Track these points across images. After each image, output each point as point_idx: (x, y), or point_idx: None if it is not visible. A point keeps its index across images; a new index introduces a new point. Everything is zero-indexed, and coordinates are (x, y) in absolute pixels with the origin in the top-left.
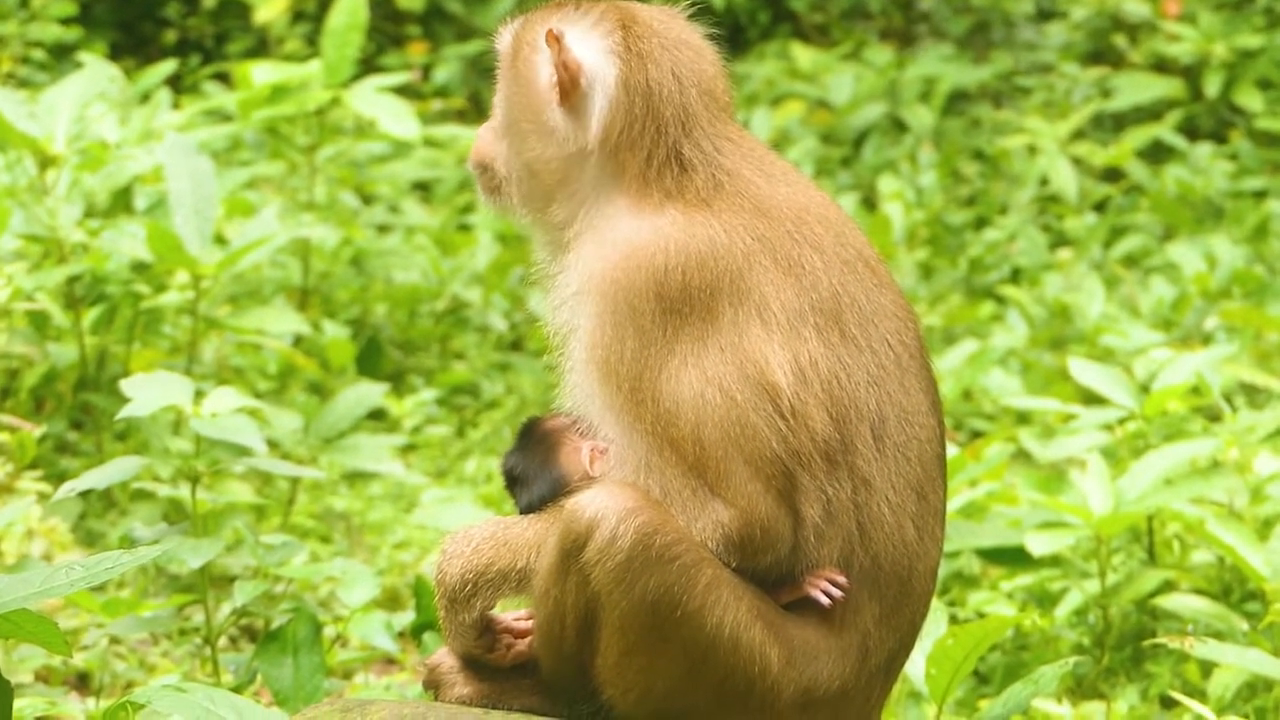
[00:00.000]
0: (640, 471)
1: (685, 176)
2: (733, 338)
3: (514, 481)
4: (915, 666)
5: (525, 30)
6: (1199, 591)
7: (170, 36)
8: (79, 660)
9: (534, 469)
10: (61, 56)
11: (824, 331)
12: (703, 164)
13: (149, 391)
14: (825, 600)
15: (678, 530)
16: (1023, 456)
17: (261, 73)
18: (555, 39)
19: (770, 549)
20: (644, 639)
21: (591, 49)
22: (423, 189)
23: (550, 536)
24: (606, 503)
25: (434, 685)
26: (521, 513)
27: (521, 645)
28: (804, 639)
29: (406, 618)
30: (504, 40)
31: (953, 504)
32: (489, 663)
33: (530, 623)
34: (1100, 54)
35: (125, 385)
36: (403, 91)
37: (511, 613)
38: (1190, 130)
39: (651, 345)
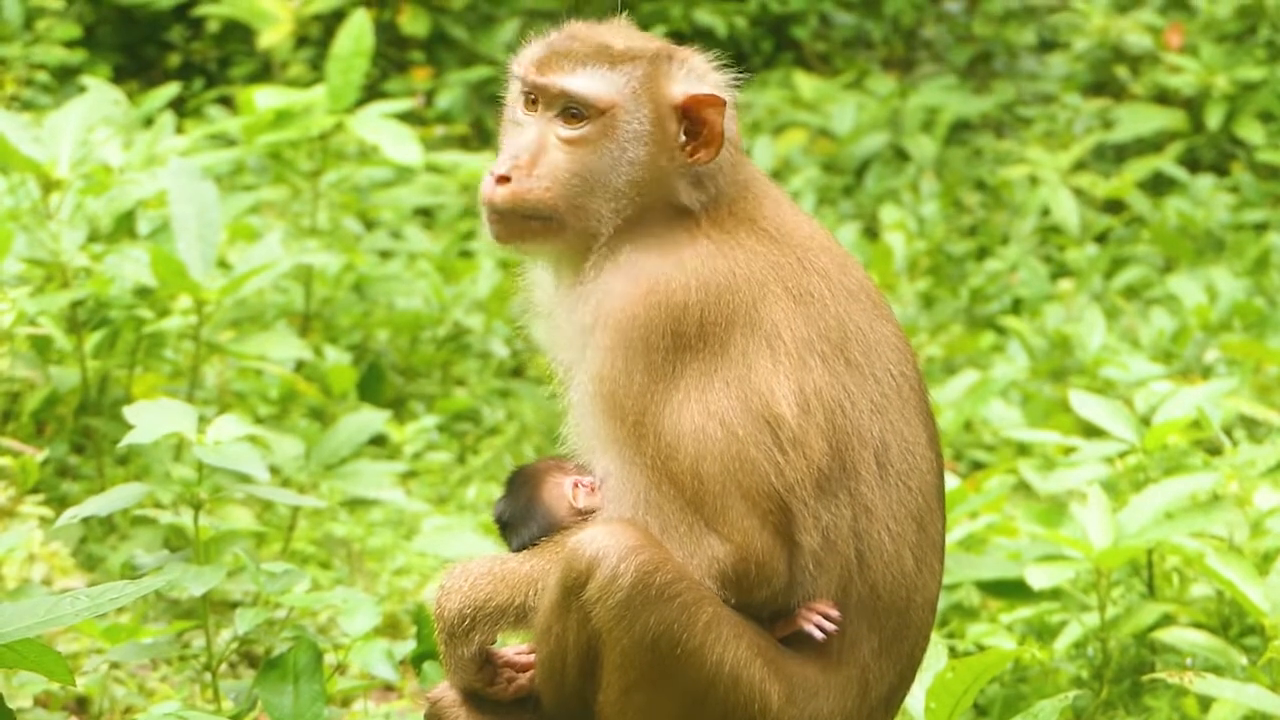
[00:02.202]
0: (638, 506)
1: (723, 208)
2: (740, 370)
3: (504, 527)
4: (915, 700)
5: (654, 90)
6: (1198, 626)
7: (174, 60)
8: (79, 686)
9: (520, 511)
10: (65, 79)
11: (830, 359)
12: (735, 195)
13: (151, 419)
14: (819, 634)
15: (678, 569)
16: (1023, 489)
17: (265, 97)
18: (711, 105)
19: (766, 584)
20: (645, 676)
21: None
22: (425, 215)
23: (551, 574)
24: (607, 541)
25: (436, 718)
26: None
27: (522, 680)
28: (804, 675)
29: (407, 646)
30: (616, 94)
31: (953, 536)
32: (490, 697)
33: (531, 657)
34: (1102, 85)
35: (128, 412)
36: (406, 117)
37: (513, 647)
38: (1191, 162)
39: (659, 380)
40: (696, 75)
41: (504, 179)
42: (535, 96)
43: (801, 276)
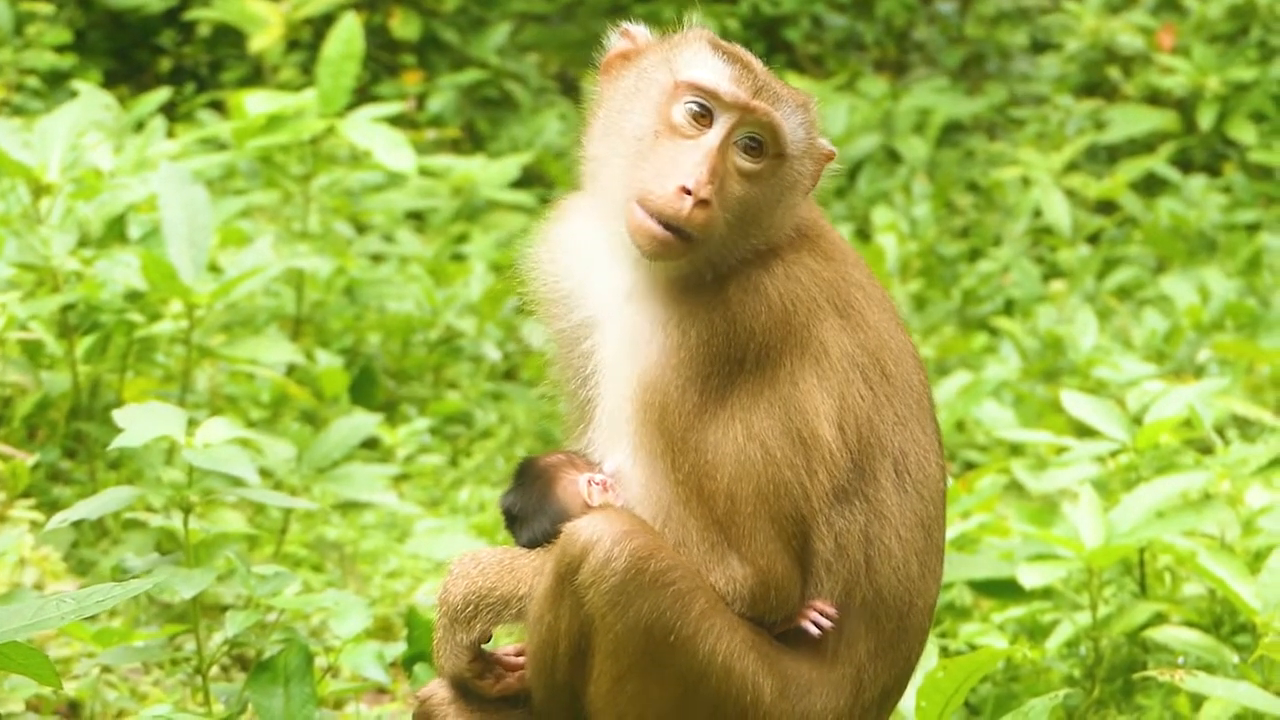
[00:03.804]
0: (660, 518)
1: (794, 229)
2: (787, 389)
3: (513, 520)
4: (906, 699)
5: (814, 144)
6: (1190, 624)
7: (165, 64)
8: (70, 689)
9: (532, 506)
10: (56, 84)
11: (868, 372)
12: (801, 215)
13: (141, 422)
14: (815, 630)
15: (672, 557)
16: (1015, 488)
17: (256, 102)
18: (830, 159)
19: (782, 608)
20: (637, 664)
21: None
22: (417, 219)
23: (547, 561)
24: (602, 526)
25: (425, 717)
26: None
27: (511, 679)
28: (798, 671)
29: (398, 648)
30: (799, 143)
31: (946, 536)
32: (477, 690)
33: (521, 659)
34: (1094, 86)
35: (118, 415)
36: (397, 121)
37: (506, 647)
38: (1184, 163)
39: (710, 400)
40: (818, 125)
41: (705, 203)
42: (716, 113)
43: (845, 290)
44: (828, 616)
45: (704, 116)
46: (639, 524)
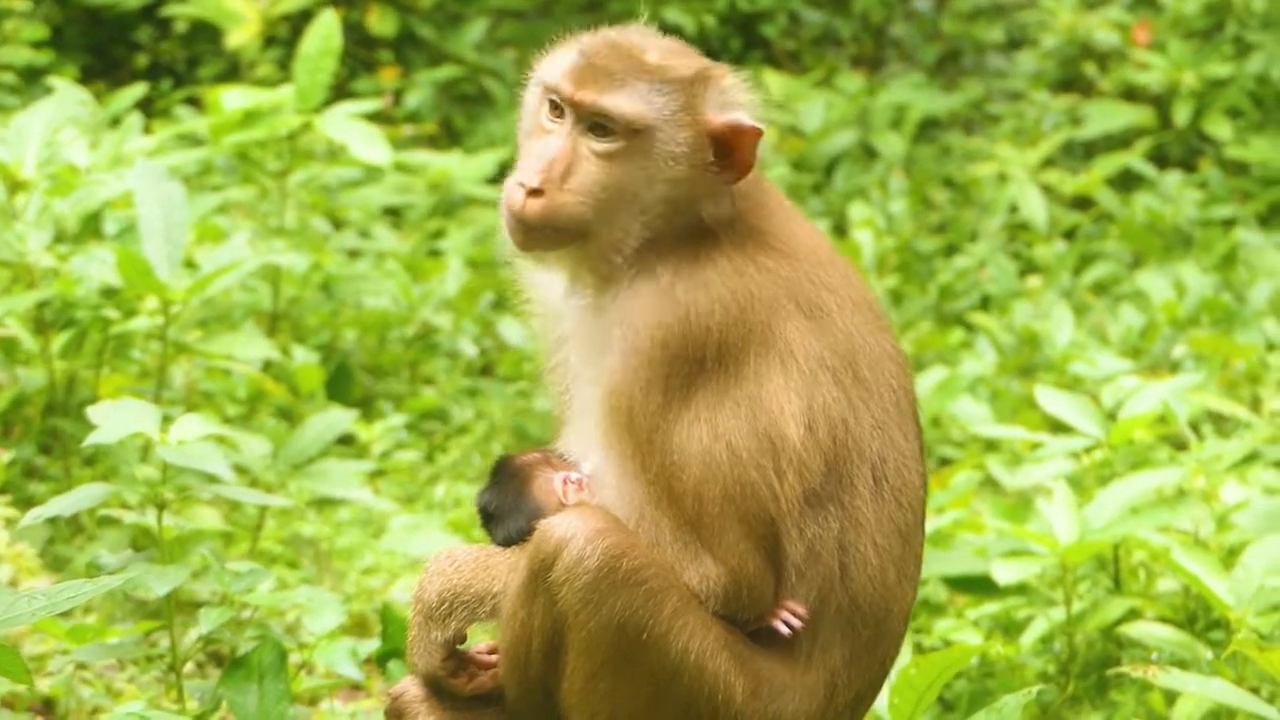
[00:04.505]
0: (633, 518)
1: (740, 225)
2: (752, 389)
3: (489, 518)
4: (879, 696)
5: (692, 115)
6: (1164, 620)
7: (142, 60)
8: (45, 686)
9: (508, 504)
10: (32, 80)
11: (839, 375)
12: (751, 211)
13: (116, 418)
14: (785, 630)
15: (646, 555)
16: (990, 484)
17: (233, 97)
18: (751, 135)
19: (754, 606)
20: (609, 661)
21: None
22: (393, 214)
23: (521, 559)
24: (575, 524)
25: (397, 714)
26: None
27: (484, 677)
28: (771, 673)
29: (373, 645)
30: (655, 116)
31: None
32: (450, 689)
33: (494, 657)
34: (1070, 82)
35: (92, 412)
36: (374, 117)
37: (479, 645)
38: (1160, 158)
39: (674, 400)
40: (733, 101)
41: (537, 192)
42: (565, 107)
43: (812, 292)
44: (798, 616)
45: (557, 111)
46: (612, 522)
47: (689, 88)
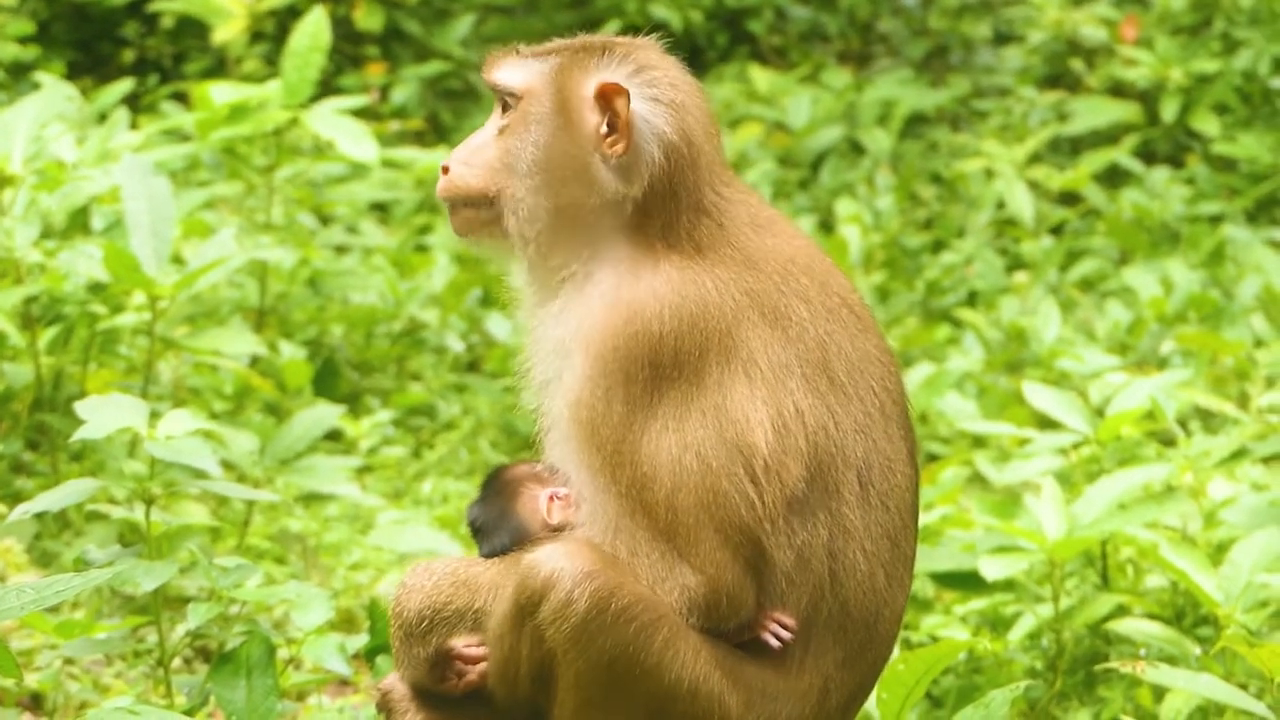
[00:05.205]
0: (609, 531)
1: (691, 228)
2: (716, 398)
3: (477, 531)
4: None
5: (564, 76)
6: (1152, 616)
7: (128, 56)
8: (32, 681)
9: (493, 519)
10: (19, 75)
11: (812, 381)
12: (707, 215)
13: (103, 414)
14: (775, 643)
15: (634, 592)
16: (978, 480)
17: (220, 93)
18: (616, 93)
19: (734, 615)
20: (601, 695)
21: (641, 100)
22: (380, 210)
23: (506, 585)
24: (563, 564)
25: (385, 711)
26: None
27: (472, 675)
28: (763, 681)
29: (361, 640)
30: (530, 81)
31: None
32: (442, 693)
33: (483, 649)
34: (1057, 78)
35: (80, 407)
36: (361, 113)
37: (465, 639)
38: (1147, 154)
39: (637, 410)
40: (621, 66)
41: (444, 169)
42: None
43: (779, 300)
44: (787, 628)
45: (498, 103)
46: (599, 559)
47: (570, 55)
